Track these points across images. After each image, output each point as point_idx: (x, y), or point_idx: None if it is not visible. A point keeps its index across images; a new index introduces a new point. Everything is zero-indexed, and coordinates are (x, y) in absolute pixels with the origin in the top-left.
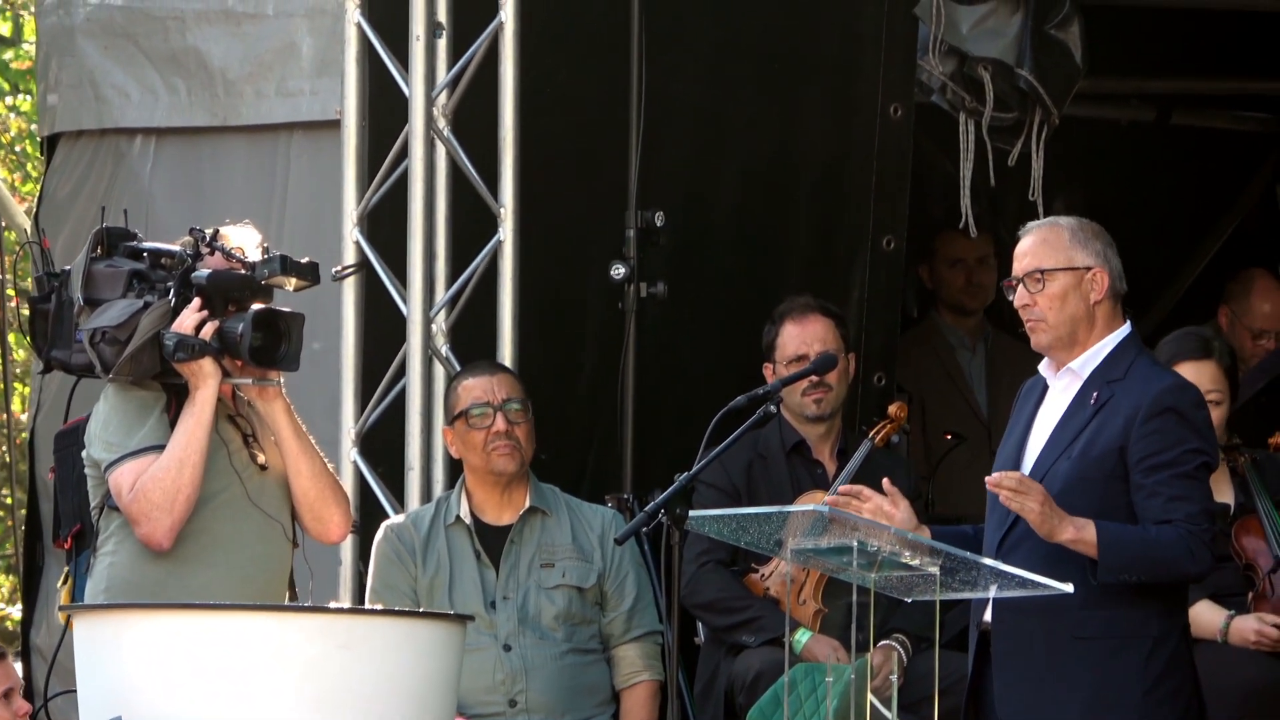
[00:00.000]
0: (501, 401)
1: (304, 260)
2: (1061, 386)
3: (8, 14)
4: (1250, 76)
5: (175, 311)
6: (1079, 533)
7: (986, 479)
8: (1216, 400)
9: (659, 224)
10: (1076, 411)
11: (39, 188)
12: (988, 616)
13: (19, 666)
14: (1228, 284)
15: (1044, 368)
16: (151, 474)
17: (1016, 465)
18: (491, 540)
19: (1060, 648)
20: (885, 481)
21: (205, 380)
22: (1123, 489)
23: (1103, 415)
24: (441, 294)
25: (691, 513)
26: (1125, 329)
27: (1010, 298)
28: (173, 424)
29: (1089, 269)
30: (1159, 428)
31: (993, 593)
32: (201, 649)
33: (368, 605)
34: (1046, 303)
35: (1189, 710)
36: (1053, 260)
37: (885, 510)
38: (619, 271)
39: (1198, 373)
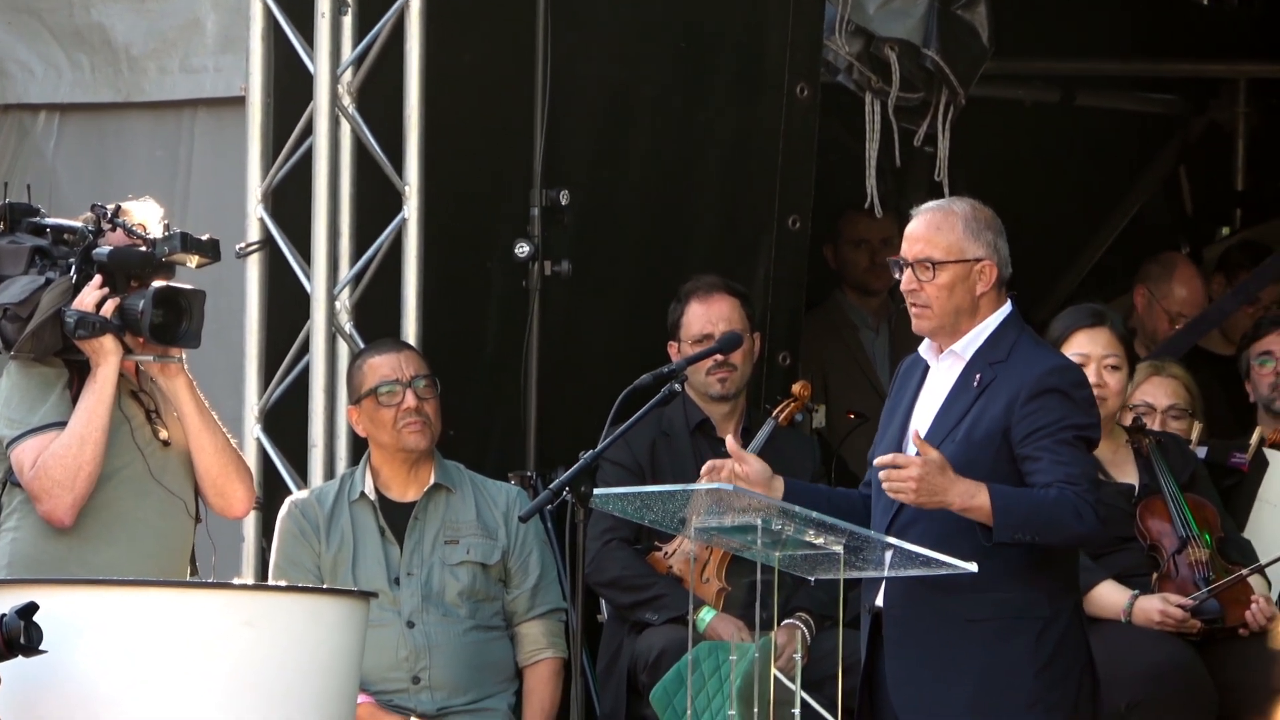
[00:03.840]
0: (410, 378)
1: (205, 237)
2: (944, 368)
3: None
4: (1155, 58)
5: (76, 288)
6: (970, 500)
7: (880, 475)
8: (1115, 365)
9: (564, 202)
10: (960, 394)
11: None
12: (879, 600)
13: None
14: (1146, 264)
15: (925, 349)
16: (53, 451)
17: (899, 448)
18: (396, 517)
19: (952, 630)
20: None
21: (106, 357)
22: (1010, 470)
23: (986, 398)
24: (345, 271)
25: (596, 490)
26: (1006, 309)
27: (896, 275)
28: (75, 400)
29: (979, 260)
30: (1041, 406)
31: (899, 570)
32: (105, 624)
33: (271, 581)
34: (934, 291)
35: (1081, 690)
36: (944, 252)
37: (738, 472)
38: (523, 250)
39: (1093, 340)
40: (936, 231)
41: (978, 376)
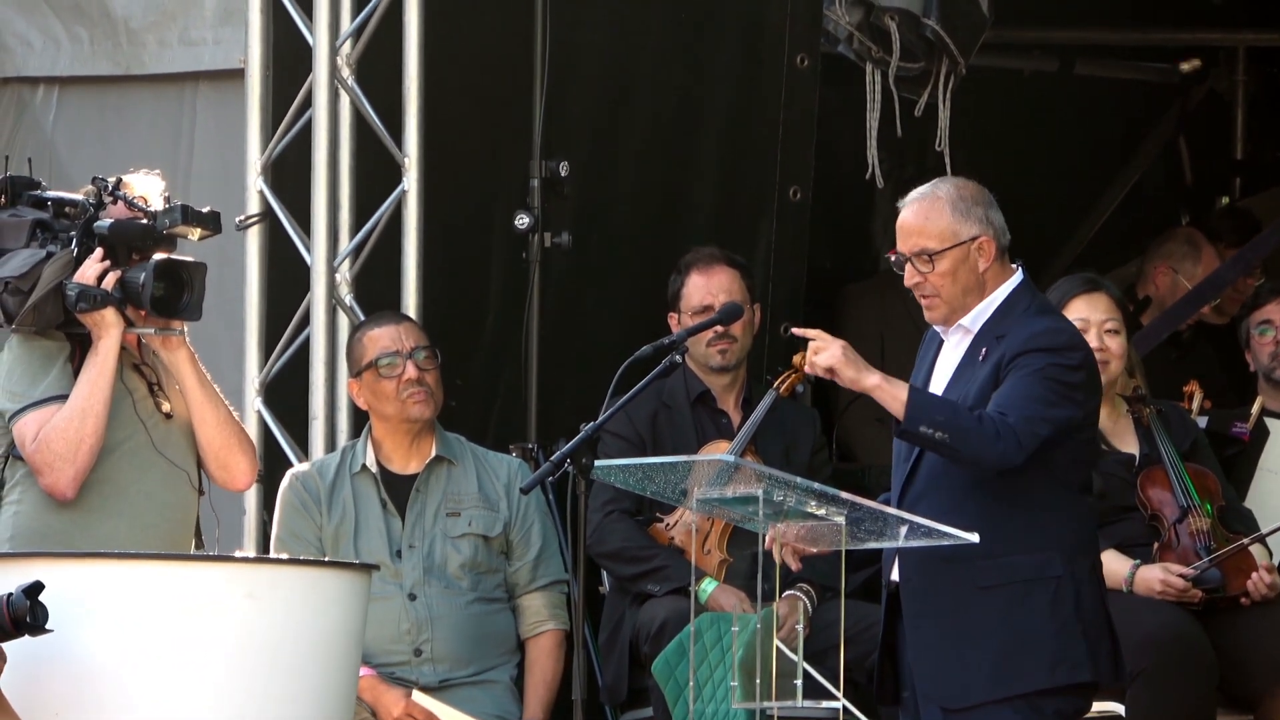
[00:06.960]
0: (410, 350)
1: (205, 209)
2: (954, 343)
3: None
4: (1152, 27)
5: (78, 261)
6: (890, 383)
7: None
8: (1114, 329)
9: (564, 174)
10: (968, 368)
11: None
12: (895, 575)
13: None
14: (1167, 242)
15: (937, 323)
16: (54, 424)
17: None
18: (397, 489)
19: (966, 599)
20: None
21: (108, 330)
22: None
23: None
24: (345, 243)
25: (597, 462)
26: (1016, 278)
27: (897, 271)
28: (77, 373)
29: (975, 239)
30: (1027, 361)
31: (901, 541)
32: (107, 596)
33: (273, 554)
34: (938, 281)
35: (1102, 648)
36: (939, 240)
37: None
38: (523, 221)
39: (1091, 305)
40: (926, 220)
41: (984, 350)
